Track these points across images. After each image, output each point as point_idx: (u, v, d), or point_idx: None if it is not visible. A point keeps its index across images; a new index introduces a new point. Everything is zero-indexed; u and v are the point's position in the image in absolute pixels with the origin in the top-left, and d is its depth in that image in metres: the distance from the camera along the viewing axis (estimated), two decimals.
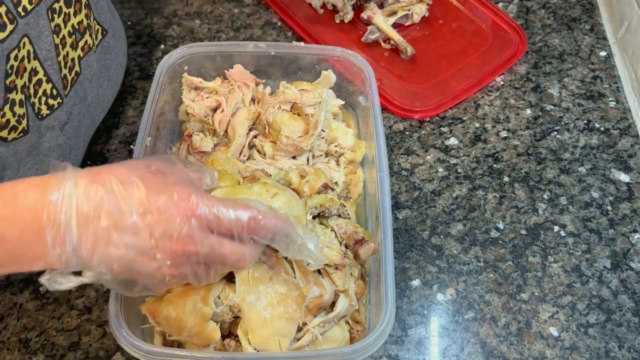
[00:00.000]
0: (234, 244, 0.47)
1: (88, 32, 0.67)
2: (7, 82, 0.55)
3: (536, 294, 0.68)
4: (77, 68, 0.66)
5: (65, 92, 0.65)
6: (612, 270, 0.69)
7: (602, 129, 0.82)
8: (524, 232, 0.73)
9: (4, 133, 0.58)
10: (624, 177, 0.77)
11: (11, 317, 0.66)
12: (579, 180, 0.77)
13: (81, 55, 0.67)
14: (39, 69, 0.60)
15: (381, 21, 0.90)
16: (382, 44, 0.91)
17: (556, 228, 0.73)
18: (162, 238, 0.43)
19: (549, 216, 0.74)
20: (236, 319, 0.57)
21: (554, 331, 0.65)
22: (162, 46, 0.93)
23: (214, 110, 0.75)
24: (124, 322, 0.54)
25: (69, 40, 0.64)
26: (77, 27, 0.65)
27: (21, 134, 0.60)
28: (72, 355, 0.64)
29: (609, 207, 0.75)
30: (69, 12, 0.63)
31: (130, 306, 0.57)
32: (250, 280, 0.55)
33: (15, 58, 0.55)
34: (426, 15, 0.94)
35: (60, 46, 0.62)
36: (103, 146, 0.80)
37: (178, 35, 0.94)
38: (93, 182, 0.42)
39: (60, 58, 0.63)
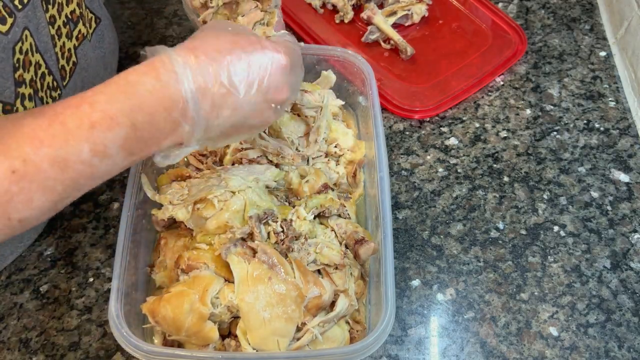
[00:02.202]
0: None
1: (81, 21, 0.68)
2: (16, 76, 0.56)
3: (536, 293, 0.68)
4: (74, 58, 0.67)
5: (64, 83, 0.65)
6: (611, 270, 0.69)
7: (602, 129, 0.82)
8: (523, 232, 0.73)
9: None
10: (623, 177, 0.77)
11: (11, 317, 0.66)
12: (579, 180, 0.77)
13: (76, 44, 0.67)
14: (41, 61, 0.60)
15: (381, 21, 0.90)
16: (382, 44, 0.91)
17: (556, 228, 0.73)
18: (267, 93, 0.49)
19: (549, 216, 0.74)
20: (236, 319, 0.57)
21: (553, 331, 0.65)
22: None
23: None
24: (124, 322, 0.54)
25: (64, 31, 0.64)
26: (70, 16, 0.65)
27: None
28: (72, 355, 0.64)
29: (609, 207, 0.75)
30: (62, 1, 0.63)
31: (130, 306, 0.57)
32: (249, 280, 0.55)
33: (20, 51, 0.56)
34: (426, 15, 0.94)
35: (56, 37, 0.62)
36: None
37: (178, 35, 0.94)
38: (198, 57, 0.45)
39: (57, 49, 0.63)
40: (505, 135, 0.82)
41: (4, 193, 0.40)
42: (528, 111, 0.85)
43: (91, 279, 0.69)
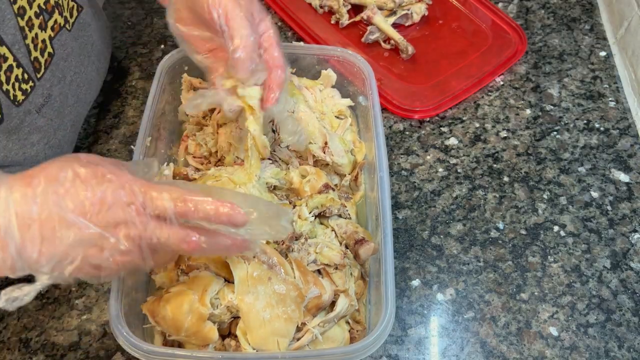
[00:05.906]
0: (174, 227, 0.46)
1: (57, 11, 0.67)
2: None
3: (536, 293, 0.68)
4: (49, 49, 0.66)
5: (39, 75, 0.64)
6: (611, 270, 0.69)
7: (602, 129, 0.82)
8: (523, 232, 0.73)
9: None
10: (623, 177, 0.77)
11: (11, 317, 0.66)
12: (579, 180, 0.77)
13: (52, 35, 0.66)
14: (8, 54, 0.59)
15: (381, 21, 0.90)
16: (382, 44, 0.91)
17: (556, 228, 0.73)
18: (106, 228, 0.43)
19: (549, 216, 0.74)
20: (236, 319, 0.57)
21: (553, 331, 0.65)
22: (163, 46, 0.93)
23: (212, 111, 0.75)
24: (125, 322, 0.54)
25: (36, 22, 0.63)
26: (44, 7, 0.64)
27: None
28: (72, 355, 0.64)
29: (609, 207, 0.75)
30: None
31: (130, 306, 0.57)
32: (249, 280, 0.55)
33: None
34: (426, 15, 0.94)
35: (26, 28, 0.61)
36: (103, 146, 0.80)
37: None
38: (28, 185, 0.42)
39: (29, 41, 0.62)
40: (505, 135, 0.82)
41: None
42: (528, 111, 0.85)
43: None
